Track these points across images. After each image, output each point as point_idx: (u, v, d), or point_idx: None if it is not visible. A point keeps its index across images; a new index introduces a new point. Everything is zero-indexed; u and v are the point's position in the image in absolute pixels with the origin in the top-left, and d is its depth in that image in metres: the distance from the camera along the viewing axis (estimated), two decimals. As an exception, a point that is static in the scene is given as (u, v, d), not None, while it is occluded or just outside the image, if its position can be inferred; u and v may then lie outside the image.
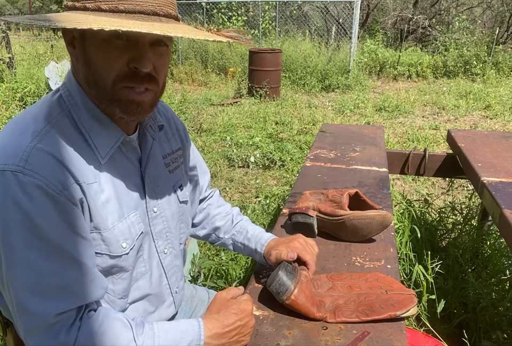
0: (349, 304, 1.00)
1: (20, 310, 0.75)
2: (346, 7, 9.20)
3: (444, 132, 5.44)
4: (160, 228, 0.97)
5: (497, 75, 9.08)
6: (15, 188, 0.72)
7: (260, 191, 3.71)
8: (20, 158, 0.73)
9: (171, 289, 1.03)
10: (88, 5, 0.76)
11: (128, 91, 0.81)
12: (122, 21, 0.72)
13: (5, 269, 0.74)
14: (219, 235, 1.22)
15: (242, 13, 10.10)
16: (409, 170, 2.36)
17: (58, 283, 0.75)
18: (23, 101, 5.72)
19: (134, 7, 0.75)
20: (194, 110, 6.23)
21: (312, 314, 0.97)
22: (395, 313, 0.96)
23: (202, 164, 1.22)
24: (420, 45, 11.99)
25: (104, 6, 0.75)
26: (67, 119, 0.82)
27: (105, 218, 0.83)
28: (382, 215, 1.25)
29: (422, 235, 2.26)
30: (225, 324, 0.87)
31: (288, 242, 1.12)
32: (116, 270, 0.87)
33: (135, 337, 0.78)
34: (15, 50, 8.34)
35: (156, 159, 0.97)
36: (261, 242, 1.15)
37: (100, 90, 0.81)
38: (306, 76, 8.35)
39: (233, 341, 0.88)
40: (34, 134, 0.77)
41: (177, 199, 1.03)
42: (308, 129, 5.51)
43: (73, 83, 0.85)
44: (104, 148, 0.84)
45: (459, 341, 1.80)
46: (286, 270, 1.01)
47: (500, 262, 2.19)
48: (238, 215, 1.24)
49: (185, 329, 0.84)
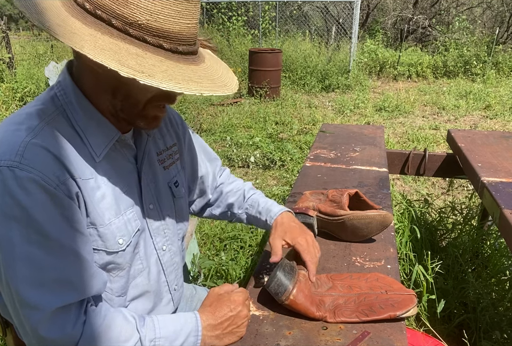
0: (349, 304, 1.00)
1: (23, 306, 0.74)
2: (346, 7, 9.21)
3: (444, 132, 5.44)
4: (157, 224, 0.98)
5: (497, 75, 9.08)
6: (12, 183, 0.72)
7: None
8: (15, 153, 0.73)
9: (169, 286, 1.03)
10: (132, 31, 0.72)
11: (156, 107, 0.85)
12: (177, 68, 0.74)
13: (3, 266, 0.74)
14: (233, 210, 1.23)
15: (242, 13, 10.09)
16: (409, 170, 2.36)
17: (59, 276, 0.75)
18: (23, 101, 5.72)
19: (176, 47, 0.76)
20: (194, 110, 6.23)
21: (311, 313, 0.97)
22: (395, 313, 0.96)
23: (210, 151, 1.24)
24: (420, 45, 11.99)
25: (149, 39, 0.73)
26: (61, 117, 0.82)
27: (101, 214, 0.84)
28: (382, 215, 1.25)
29: (422, 235, 2.26)
30: (218, 316, 0.91)
31: (298, 235, 1.10)
32: (112, 268, 0.88)
33: (138, 329, 0.81)
34: (15, 50, 8.34)
35: (151, 156, 0.98)
36: (270, 214, 1.16)
37: (130, 106, 0.83)
38: (306, 76, 8.35)
39: (227, 332, 0.91)
40: (29, 130, 0.77)
41: (172, 196, 1.03)
42: (308, 129, 5.51)
43: (68, 82, 0.84)
44: (99, 146, 0.84)
45: (459, 341, 1.80)
46: (284, 271, 1.01)
47: (500, 262, 2.19)
48: (250, 190, 1.25)
49: (184, 321, 0.88)
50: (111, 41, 0.71)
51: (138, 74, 0.68)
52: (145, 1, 0.71)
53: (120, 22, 0.72)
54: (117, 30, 0.72)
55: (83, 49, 0.68)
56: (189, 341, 0.86)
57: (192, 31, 0.77)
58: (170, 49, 0.75)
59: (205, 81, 0.76)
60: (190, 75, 0.75)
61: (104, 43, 0.70)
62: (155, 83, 0.69)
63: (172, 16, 0.73)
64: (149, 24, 0.72)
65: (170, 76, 0.71)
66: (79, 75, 0.85)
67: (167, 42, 0.74)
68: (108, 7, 0.71)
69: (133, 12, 0.71)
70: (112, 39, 0.71)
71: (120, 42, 0.71)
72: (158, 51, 0.74)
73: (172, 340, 0.84)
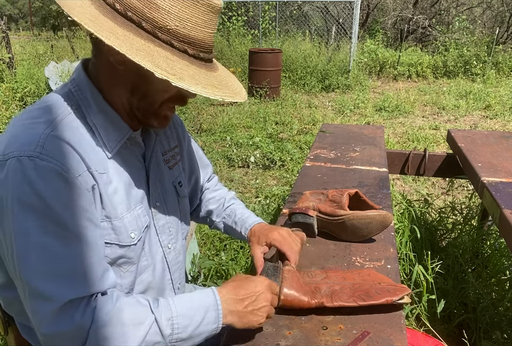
0: (345, 290, 1.01)
1: (34, 297, 0.73)
2: (346, 7, 9.21)
3: (444, 132, 5.44)
4: (162, 222, 0.99)
5: (497, 75, 9.08)
6: (32, 173, 0.73)
7: (260, 191, 3.71)
8: (35, 144, 0.75)
9: (174, 284, 1.04)
10: (161, 35, 0.77)
11: (169, 108, 0.89)
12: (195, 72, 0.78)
13: (17, 255, 0.73)
14: (212, 218, 1.25)
15: (242, 13, 10.09)
16: (409, 170, 2.36)
17: (74, 268, 0.75)
18: (23, 101, 5.72)
19: (198, 53, 0.81)
20: (194, 110, 6.23)
21: (307, 304, 0.97)
22: (391, 298, 0.97)
23: (203, 157, 1.24)
24: (420, 45, 11.98)
25: (176, 44, 0.77)
26: (76, 113, 0.84)
27: (115, 208, 0.85)
28: (382, 215, 1.25)
29: (422, 235, 2.26)
30: (239, 292, 0.86)
31: (268, 232, 1.11)
32: (124, 262, 0.88)
33: (153, 310, 0.77)
34: (15, 50, 8.34)
35: (158, 155, 1.00)
36: (245, 226, 1.17)
37: (146, 104, 0.86)
38: (306, 76, 8.35)
39: (248, 312, 0.85)
40: (47, 123, 0.79)
41: (177, 195, 1.05)
42: (308, 129, 5.51)
43: (83, 79, 0.86)
44: (112, 142, 0.86)
45: (459, 341, 1.80)
46: (268, 275, 0.99)
47: (500, 262, 2.19)
48: (231, 199, 1.26)
49: (201, 296, 0.83)
50: (143, 43, 0.75)
51: (171, 76, 0.72)
52: (175, 8, 0.75)
53: (150, 25, 0.76)
54: (146, 33, 0.76)
55: (122, 48, 0.71)
56: (210, 316, 0.81)
57: (212, 39, 0.82)
58: (193, 55, 0.79)
59: (224, 88, 0.81)
60: (212, 81, 0.80)
61: (138, 44, 0.74)
62: (186, 86, 0.73)
63: (199, 25, 0.78)
64: (178, 30, 0.77)
65: (197, 80, 0.76)
66: (96, 72, 0.86)
67: (191, 48, 0.79)
68: (139, 9, 0.75)
69: (164, 17, 0.75)
70: (143, 41, 0.75)
71: (150, 44, 0.75)
72: (183, 56, 0.78)
73: (190, 316, 0.79)
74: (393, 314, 1.00)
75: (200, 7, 0.77)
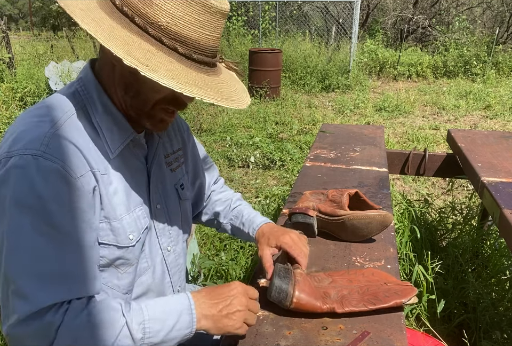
0: (353, 294, 1.00)
1: (17, 295, 0.72)
2: (346, 7, 9.20)
3: (444, 132, 5.44)
4: (163, 225, 0.99)
5: (497, 75, 9.08)
6: (33, 172, 0.73)
7: (260, 191, 3.71)
8: (40, 143, 0.75)
9: (173, 287, 1.04)
10: (151, 31, 0.76)
11: (163, 111, 0.86)
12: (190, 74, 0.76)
13: (6, 251, 0.73)
14: (219, 220, 1.24)
15: (242, 13, 10.08)
16: (409, 170, 2.36)
17: (63, 271, 0.74)
18: (23, 101, 5.72)
19: (191, 54, 0.78)
20: (194, 110, 6.23)
21: (319, 308, 0.97)
22: (401, 300, 0.97)
23: (209, 161, 1.24)
24: (420, 45, 11.98)
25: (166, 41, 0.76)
26: (82, 112, 0.84)
27: (114, 209, 0.85)
28: (382, 215, 1.25)
29: (422, 235, 2.26)
30: (212, 296, 0.85)
31: (280, 235, 1.10)
32: (121, 263, 0.88)
33: (124, 314, 0.76)
34: (15, 50, 8.34)
35: (160, 157, 1.00)
36: (253, 226, 1.16)
37: (139, 103, 0.85)
38: (306, 76, 8.35)
39: (222, 316, 0.83)
40: (52, 122, 0.79)
41: (179, 198, 1.05)
42: (308, 129, 5.51)
43: (90, 78, 0.86)
44: (115, 143, 0.86)
45: (459, 341, 1.80)
46: (280, 276, 0.99)
47: (500, 262, 2.19)
48: (237, 200, 1.26)
49: (175, 300, 0.82)
50: (128, 35, 0.74)
51: (141, 66, 0.71)
52: (168, 5, 0.74)
53: (142, 20, 0.75)
54: (138, 27, 0.76)
55: (96, 34, 0.71)
56: (183, 320, 0.80)
57: (211, 43, 0.80)
58: (184, 54, 0.78)
59: (210, 90, 0.78)
60: (196, 81, 0.77)
61: (120, 34, 0.73)
62: (155, 77, 0.71)
63: (192, 24, 0.76)
64: (168, 27, 0.75)
65: (174, 75, 0.73)
66: (100, 69, 0.87)
67: (182, 47, 0.77)
68: (134, 5, 0.75)
69: (156, 12, 0.75)
70: (129, 33, 0.75)
71: (136, 37, 0.75)
72: (172, 53, 0.77)
73: (163, 320, 0.78)
74: (393, 314, 0.99)
75: (194, 6, 0.75)
